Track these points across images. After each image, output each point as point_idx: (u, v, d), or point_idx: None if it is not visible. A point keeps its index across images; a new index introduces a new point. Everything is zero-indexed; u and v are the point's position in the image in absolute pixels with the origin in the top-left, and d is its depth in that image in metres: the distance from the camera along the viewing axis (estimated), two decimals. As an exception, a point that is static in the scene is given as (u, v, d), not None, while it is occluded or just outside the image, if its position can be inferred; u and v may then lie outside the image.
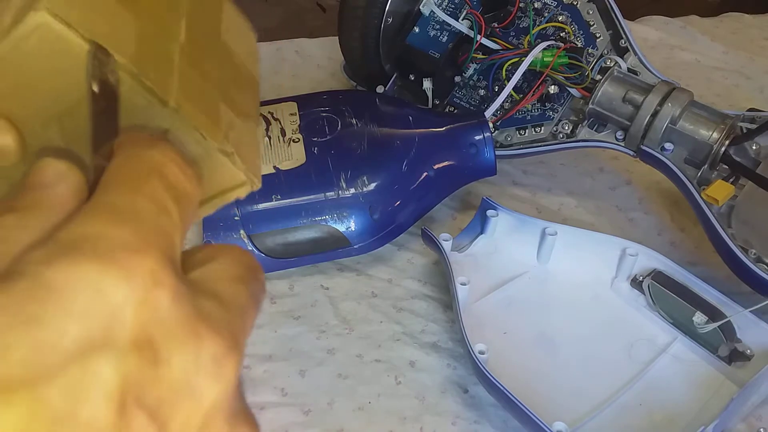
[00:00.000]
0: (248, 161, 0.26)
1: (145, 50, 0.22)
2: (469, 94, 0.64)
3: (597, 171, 0.67)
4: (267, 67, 0.77)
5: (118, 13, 0.22)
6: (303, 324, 0.54)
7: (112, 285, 0.16)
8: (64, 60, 0.21)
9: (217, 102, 0.25)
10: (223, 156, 0.24)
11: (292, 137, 0.56)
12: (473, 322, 0.50)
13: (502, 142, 0.61)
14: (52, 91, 0.22)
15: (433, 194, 0.58)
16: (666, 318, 0.53)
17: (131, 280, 0.17)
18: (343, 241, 0.54)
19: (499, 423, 0.48)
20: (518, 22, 0.63)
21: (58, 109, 0.22)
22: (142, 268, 0.17)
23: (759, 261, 0.50)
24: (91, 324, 0.16)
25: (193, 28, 0.25)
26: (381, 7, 0.62)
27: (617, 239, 0.55)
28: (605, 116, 0.57)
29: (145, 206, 0.18)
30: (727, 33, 0.85)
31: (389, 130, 0.57)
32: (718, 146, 0.53)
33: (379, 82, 0.66)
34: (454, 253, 0.55)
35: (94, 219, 0.18)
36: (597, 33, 0.61)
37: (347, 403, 0.49)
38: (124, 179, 0.19)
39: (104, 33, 0.21)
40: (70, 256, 0.16)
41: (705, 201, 0.52)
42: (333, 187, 0.54)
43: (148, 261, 0.17)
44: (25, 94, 0.22)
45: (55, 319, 0.16)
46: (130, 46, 0.22)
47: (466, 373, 0.51)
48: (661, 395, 0.49)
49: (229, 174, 0.25)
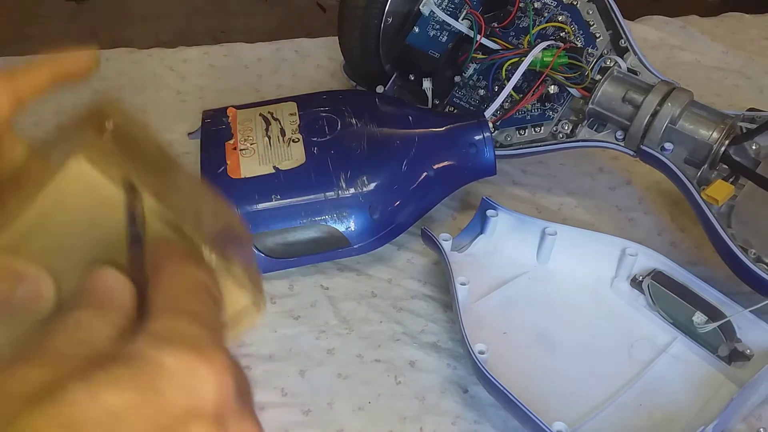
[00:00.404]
0: (253, 287, 0.30)
1: (164, 197, 0.27)
2: (468, 94, 0.64)
3: (597, 171, 0.67)
4: (267, 67, 0.77)
5: (139, 167, 0.27)
6: (303, 324, 0.54)
7: (203, 370, 0.22)
8: (101, 205, 0.26)
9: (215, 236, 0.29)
10: (231, 280, 0.28)
11: (291, 137, 0.56)
12: (473, 322, 0.50)
13: (501, 142, 0.61)
14: (90, 240, 0.26)
15: (432, 194, 0.58)
16: (666, 318, 0.53)
17: (213, 367, 0.22)
18: (342, 241, 0.54)
19: (499, 423, 0.48)
20: (518, 22, 0.63)
21: (94, 254, 0.26)
22: (217, 358, 0.22)
23: (759, 261, 0.50)
24: (192, 398, 0.21)
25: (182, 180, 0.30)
26: (381, 7, 0.62)
27: (617, 239, 0.55)
28: (605, 116, 0.57)
29: (203, 311, 0.24)
30: (727, 33, 0.85)
31: (389, 130, 0.57)
32: (717, 146, 0.53)
33: (378, 82, 0.66)
34: (454, 253, 0.55)
35: (173, 319, 0.23)
36: (597, 33, 0.61)
37: (347, 403, 0.49)
38: (184, 291, 0.24)
39: (137, 181, 0.26)
40: (173, 346, 0.22)
41: (705, 201, 0.52)
42: (333, 187, 0.54)
43: (219, 353, 0.23)
44: (66, 248, 0.26)
45: (171, 391, 0.21)
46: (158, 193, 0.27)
47: (466, 373, 0.51)
48: (661, 395, 0.49)
49: (237, 299, 0.29)
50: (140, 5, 1.82)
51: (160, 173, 0.29)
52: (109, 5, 1.81)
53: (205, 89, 0.73)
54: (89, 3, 1.82)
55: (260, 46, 0.80)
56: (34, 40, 1.67)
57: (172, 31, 1.70)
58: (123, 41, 0.85)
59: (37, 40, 1.67)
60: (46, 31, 1.72)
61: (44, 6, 1.81)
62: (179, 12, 1.79)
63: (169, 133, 0.68)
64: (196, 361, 0.22)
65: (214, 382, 0.22)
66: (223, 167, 0.54)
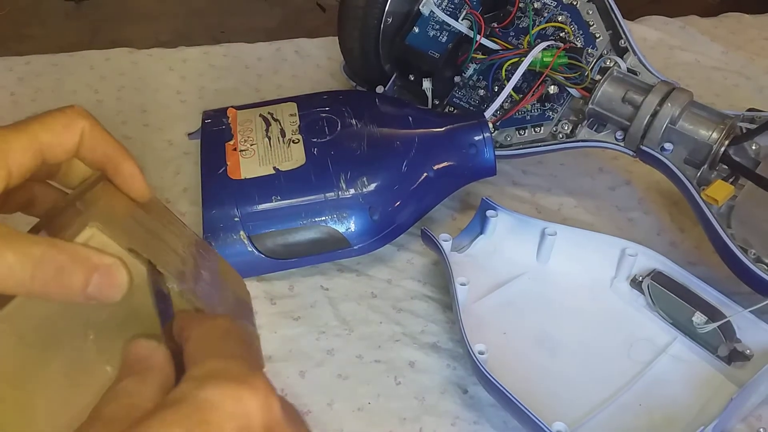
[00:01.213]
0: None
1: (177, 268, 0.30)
2: (468, 95, 0.64)
3: (597, 171, 0.67)
4: (267, 67, 0.77)
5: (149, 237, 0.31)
6: (303, 325, 0.54)
7: (247, 396, 0.24)
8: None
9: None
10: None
11: (291, 138, 0.56)
12: (473, 322, 0.50)
13: (501, 142, 0.61)
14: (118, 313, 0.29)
15: (432, 195, 0.58)
16: (665, 318, 0.53)
17: (257, 392, 0.24)
18: (342, 242, 0.54)
19: (499, 423, 0.48)
20: (518, 22, 0.63)
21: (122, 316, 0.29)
22: (260, 383, 0.24)
23: (758, 261, 0.50)
24: (238, 422, 0.23)
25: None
26: (381, 7, 0.62)
27: (617, 239, 0.55)
28: (605, 116, 0.57)
29: (237, 349, 0.27)
30: (726, 33, 0.85)
31: (389, 130, 0.57)
32: (717, 146, 0.53)
33: (378, 82, 0.66)
34: (454, 253, 0.55)
35: (212, 361, 0.25)
36: (596, 33, 0.61)
37: (347, 404, 0.49)
38: (215, 339, 0.27)
39: (152, 255, 0.29)
40: (213, 381, 0.24)
41: (704, 201, 0.52)
42: (333, 188, 0.54)
43: (260, 379, 0.25)
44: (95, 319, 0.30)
45: (219, 420, 0.23)
46: (174, 266, 0.30)
47: (466, 374, 0.51)
48: (661, 395, 0.49)
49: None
50: (140, 5, 1.82)
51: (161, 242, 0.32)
52: (108, 5, 1.81)
53: (205, 89, 0.73)
54: (88, 3, 1.82)
55: (260, 46, 0.80)
56: (34, 39, 1.67)
57: (171, 31, 1.70)
58: (122, 41, 0.85)
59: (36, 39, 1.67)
60: (46, 31, 1.72)
61: (43, 6, 1.81)
62: (179, 12, 1.79)
63: (168, 133, 0.68)
64: (238, 389, 0.24)
65: (259, 404, 0.24)
66: (223, 168, 0.54)
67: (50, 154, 0.31)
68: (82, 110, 0.32)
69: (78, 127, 0.31)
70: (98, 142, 0.32)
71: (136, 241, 0.29)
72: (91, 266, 0.27)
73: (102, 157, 0.32)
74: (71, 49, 0.79)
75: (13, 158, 0.29)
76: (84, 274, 0.26)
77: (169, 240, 0.32)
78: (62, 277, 0.26)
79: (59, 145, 0.31)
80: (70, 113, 0.31)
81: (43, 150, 0.30)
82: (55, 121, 0.31)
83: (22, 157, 0.29)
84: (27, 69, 0.74)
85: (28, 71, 0.74)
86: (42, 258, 0.26)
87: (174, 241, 0.33)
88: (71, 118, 0.31)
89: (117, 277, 0.27)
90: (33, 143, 0.30)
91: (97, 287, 0.27)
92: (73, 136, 0.31)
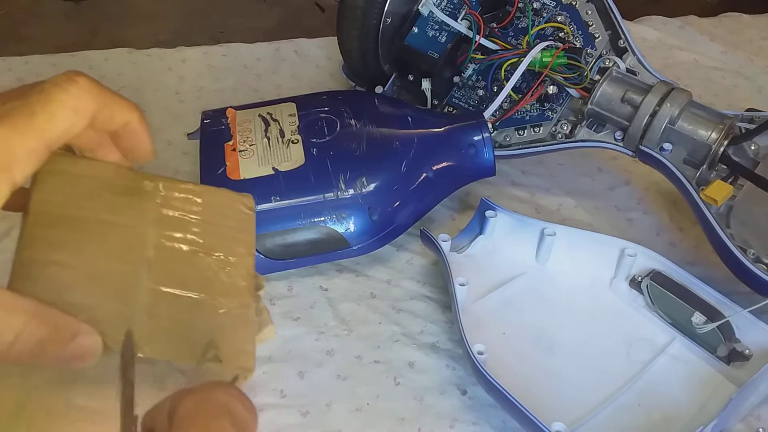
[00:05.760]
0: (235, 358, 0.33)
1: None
2: (467, 95, 0.64)
3: (596, 171, 0.67)
4: (266, 68, 0.77)
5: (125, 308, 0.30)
6: (302, 325, 0.54)
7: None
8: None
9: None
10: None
11: (291, 138, 0.56)
12: (472, 322, 0.50)
13: (501, 142, 0.61)
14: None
15: (432, 195, 0.58)
16: (665, 318, 0.53)
17: None
18: (342, 243, 0.54)
19: (498, 424, 0.48)
20: (517, 22, 0.63)
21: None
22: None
23: (758, 261, 0.50)
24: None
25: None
26: (380, 7, 0.62)
27: (616, 239, 0.55)
28: (604, 116, 0.57)
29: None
30: (725, 33, 0.85)
31: (388, 130, 0.57)
32: (716, 146, 0.53)
33: (378, 82, 0.66)
34: (453, 253, 0.55)
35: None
36: (596, 33, 0.61)
37: (346, 405, 0.49)
38: (203, 420, 0.25)
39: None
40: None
41: (704, 201, 0.52)
42: (332, 189, 0.54)
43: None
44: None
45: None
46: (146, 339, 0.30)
47: (465, 374, 0.51)
48: (660, 395, 0.49)
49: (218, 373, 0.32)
50: (139, 5, 1.82)
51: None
52: (107, 5, 1.81)
53: (204, 89, 0.73)
54: (88, 2, 1.82)
55: (259, 46, 0.80)
56: (33, 39, 1.67)
57: (170, 31, 1.70)
58: (121, 41, 0.85)
59: (35, 39, 1.67)
60: (45, 31, 1.71)
61: (42, 5, 1.80)
62: (178, 12, 1.79)
63: (167, 133, 0.68)
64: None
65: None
66: (222, 168, 0.54)
67: (57, 143, 0.29)
68: (86, 83, 0.29)
69: (88, 111, 0.29)
70: (107, 119, 0.30)
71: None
72: (69, 337, 0.27)
73: (115, 127, 0.31)
74: (70, 49, 0.79)
75: (19, 168, 0.27)
76: (61, 345, 0.27)
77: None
78: (40, 349, 0.26)
79: (67, 134, 0.29)
80: (76, 93, 0.29)
81: (51, 145, 0.28)
82: (63, 107, 0.28)
83: (27, 165, 0.28)
84: (26, 69, 0.74)
85: (27, 71, 0.74)
86: (23, 331, 0.26)
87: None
88: (79, 100, 0.29)
89: (92, 345, 0.27)
90: (40, 143, 0.28)
91: (72, 356, 0.27)
92: (83, 121, 0.29)
